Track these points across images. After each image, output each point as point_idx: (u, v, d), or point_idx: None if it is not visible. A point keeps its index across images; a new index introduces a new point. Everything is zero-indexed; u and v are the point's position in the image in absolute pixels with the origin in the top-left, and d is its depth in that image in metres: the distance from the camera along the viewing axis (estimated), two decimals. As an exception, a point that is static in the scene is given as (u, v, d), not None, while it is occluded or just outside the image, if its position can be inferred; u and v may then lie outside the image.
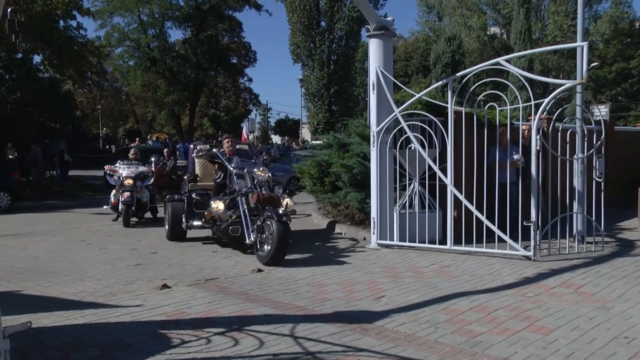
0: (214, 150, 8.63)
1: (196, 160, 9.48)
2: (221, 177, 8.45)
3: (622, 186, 10.51)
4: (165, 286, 5.94)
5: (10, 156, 18.13)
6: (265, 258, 6.90)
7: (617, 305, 5.05)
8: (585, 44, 7.01)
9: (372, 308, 5.04)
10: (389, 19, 8.28)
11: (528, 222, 6.89)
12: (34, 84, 19.81)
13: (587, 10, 34.98)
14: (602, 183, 7.33)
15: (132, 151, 12.74)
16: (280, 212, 7.15)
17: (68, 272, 6.90)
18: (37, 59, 21.99)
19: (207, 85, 42.14)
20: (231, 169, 8.05)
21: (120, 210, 10.99)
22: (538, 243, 7.02)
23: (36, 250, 8.55)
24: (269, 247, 6.86)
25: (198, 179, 9.23)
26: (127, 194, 10.93)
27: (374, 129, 7.98)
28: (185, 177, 9.26)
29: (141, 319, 4.77)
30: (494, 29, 38.07)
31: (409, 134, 7.66)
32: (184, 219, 8.81)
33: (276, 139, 56.73)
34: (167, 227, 9.24)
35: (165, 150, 17.23)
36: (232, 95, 51.27)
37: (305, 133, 53.50)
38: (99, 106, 47.21)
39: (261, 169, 8.01)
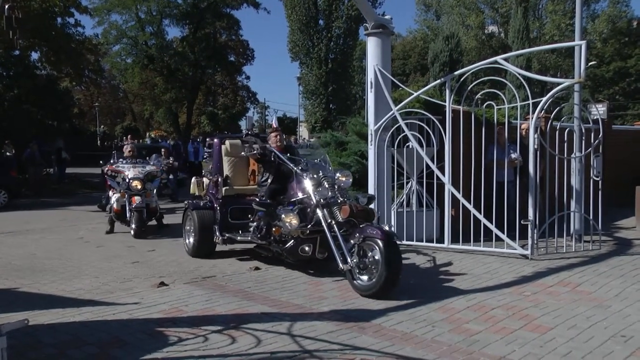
0: (271, 147, 6.91)
1: (225, 158, 7.90)
2: (270, 181, 6.81)
3: (620, 185, 10.52)
4: (162, 284, 5.93)
5: (7, 153, 18.12)
6: (369, 289, 5.29)
7: (614, 304, 5.06)
8: (583, 42, 7.00)
9: (369, 307, 5.03)
10: (387, 17, 8.26)
11: (526, 221, 6.90)
12: (32, 81, 19.79)
13: (585, 9, 34.95)
14: (600, 182, 7.34)
15: (128, 148, 10.81)
16: (387, 229, 5.63)
17: (65, 270, 6.89)
18: (34, 56, 21.98)
19: (205, 83, 42.07)
20: (299, 171, 6.31)
21: (129, 217, 9.43)
22: (535, 242, 7.02)
23: (33, 247, 8.54)
24: (375, 277, 5.27)
25: (228, 181, 7.71)
26: (137, 198, 9.34)
27: (371, 127, 7.97)
28: (219, 178, 7.68)
29: (138, 316, 4.77)
30: (492, 28, 38.04)
31: (407, 132, 7.65)
32: (216, 231, 7.39)
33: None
34: (189, 240, 7.69)
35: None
36: (230, 93, 51.21)
37: (303, 131, 53.53)
38: (96, 103, 47.14)
39: (345, 172, 6.38)
